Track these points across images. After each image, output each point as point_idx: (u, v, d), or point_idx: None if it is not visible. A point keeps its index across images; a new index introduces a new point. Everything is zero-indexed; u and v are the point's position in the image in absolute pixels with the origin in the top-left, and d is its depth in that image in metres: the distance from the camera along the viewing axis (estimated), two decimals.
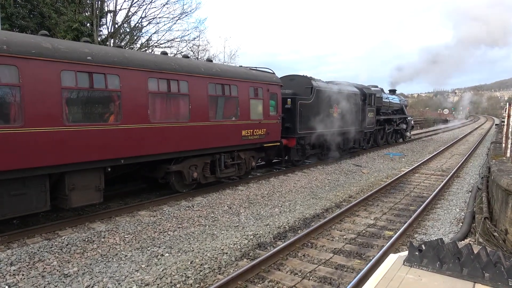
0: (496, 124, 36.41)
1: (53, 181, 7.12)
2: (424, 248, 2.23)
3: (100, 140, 7.42)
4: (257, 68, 12.54)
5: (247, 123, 11.24)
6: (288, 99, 13.88)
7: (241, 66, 12.12)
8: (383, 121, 22.70)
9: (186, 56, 10.53)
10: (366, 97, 19.26)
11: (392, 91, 25.62)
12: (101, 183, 7.71)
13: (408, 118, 26.92)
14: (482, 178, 11.23)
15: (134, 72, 8.00)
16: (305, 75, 15.48)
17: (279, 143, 12.95)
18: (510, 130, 9.72)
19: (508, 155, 9.60)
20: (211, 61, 11.25)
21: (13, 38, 6.45)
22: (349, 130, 17.78)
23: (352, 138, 18.63)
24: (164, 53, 9.57)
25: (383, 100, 22.18)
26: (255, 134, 11.60)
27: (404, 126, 26.29)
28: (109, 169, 7.92)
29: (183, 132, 9.17)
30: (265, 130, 11.98)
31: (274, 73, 12.92)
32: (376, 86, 22.29)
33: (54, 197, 7.21)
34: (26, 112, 6.32)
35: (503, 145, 11.32)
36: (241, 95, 10.96)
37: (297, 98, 14.01)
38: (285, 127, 13.64)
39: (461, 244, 2.39)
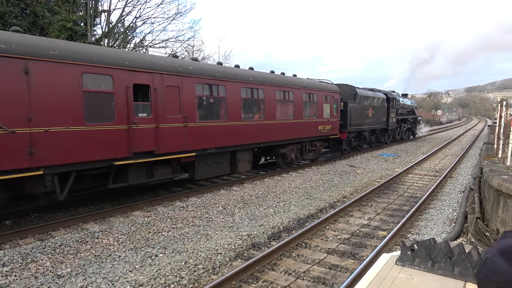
0: (488, 125, 36.70)
1: (229, 155, 11.14)
2: (416, 247, 2.25)
3: (254, 131, 11.73)
4: (322, 80, 16.90)
5: (321, 120, 15.63)
6: (341, 103, 17.65)
7: (308, 78, 15.93)
8: (400, 121, 26.60)
9: (272, 71, 13.86)
10: (390, 100, 23.32)
11: (404, 95, 29.69)
12: (251, 158, 12.18)
13: (418, 118, 31.32)
14: (474, 178, 11.33)
15: (269, 87, 12.42)
16: (347, 83, 19.40)
17: (337, 136, 17.12)
18: (502, 131, 9.83)
19: (500, 155, 9.70)
20: (284, 73, 14.50)
21: (220, 69, 10.75)
22: (379, 127, 22.31)
23: (380, 134, 23.18)
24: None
25: (400, 102, 26.29)
26: (325, 128, 15.90)
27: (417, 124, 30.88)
28: (256, 149, 12.62)
29: (289, 126, 13.53)
30: (330, 126, 16.27)
31: (333, 84, 17.39)
32: (394, 91, 26.26)
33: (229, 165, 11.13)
34: (228, 112, 10.66)
35: (495, 146, 11.45)
36: (319, 101, 15.42)
37: (348, 102, 18.05)
38: (339, 124, 17.35)
39: (453, 243, 2.42)
